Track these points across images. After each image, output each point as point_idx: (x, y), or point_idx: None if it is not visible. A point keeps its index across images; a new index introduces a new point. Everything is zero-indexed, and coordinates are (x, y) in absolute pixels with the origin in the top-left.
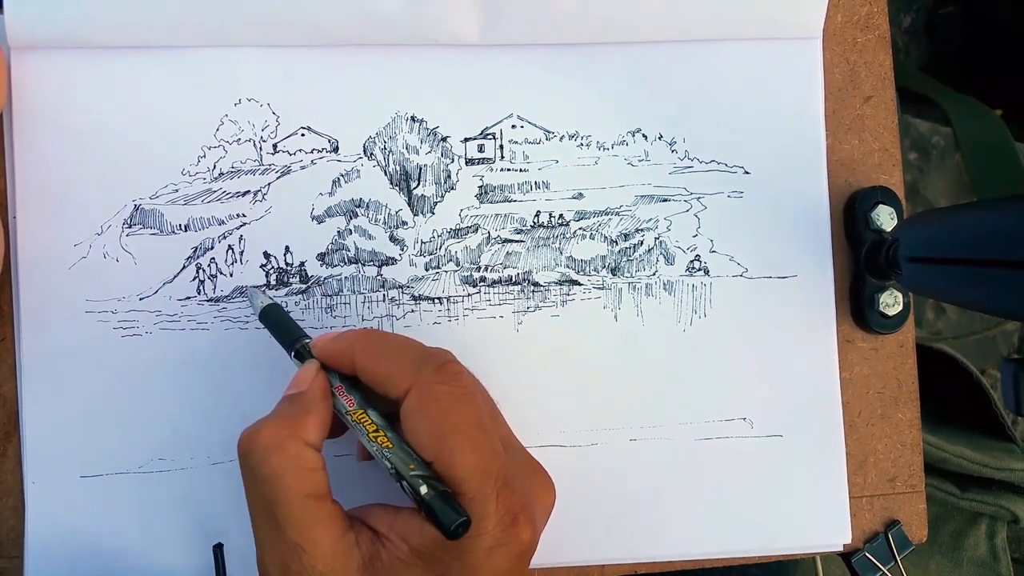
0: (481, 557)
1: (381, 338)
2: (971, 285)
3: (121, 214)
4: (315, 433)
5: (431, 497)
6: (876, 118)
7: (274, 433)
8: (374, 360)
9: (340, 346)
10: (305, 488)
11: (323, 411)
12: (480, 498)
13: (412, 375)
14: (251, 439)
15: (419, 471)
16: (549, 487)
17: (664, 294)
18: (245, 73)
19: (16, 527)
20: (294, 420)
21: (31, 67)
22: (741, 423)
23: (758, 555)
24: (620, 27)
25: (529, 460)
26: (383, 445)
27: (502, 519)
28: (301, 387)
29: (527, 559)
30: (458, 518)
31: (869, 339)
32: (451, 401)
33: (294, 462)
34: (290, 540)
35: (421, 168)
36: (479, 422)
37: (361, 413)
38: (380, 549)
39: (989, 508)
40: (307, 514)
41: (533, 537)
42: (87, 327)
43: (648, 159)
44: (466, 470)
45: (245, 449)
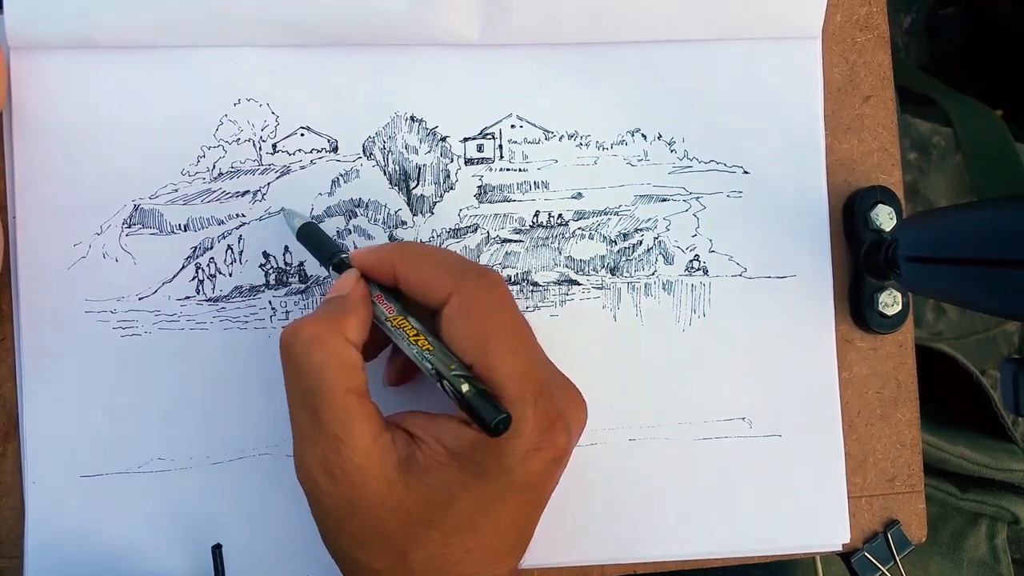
0: (518, 459)
1: (422, 248)
2: (971, 285)
3: (121, 214)
4: (356, 332)
5: (472, 395)
6: (875, 118)
7: (317, 328)
8: (416, 267)
9: (380, 256)
10: (346, 382)
11: (363, 313)
12: (519, 400)
13: (454, 281)
14: (294, 333)
15: (460, 371)
16: (581, 403)
17: (663, 294)
18: (245, 73)
19: (16, 527)
20: (336, 317)
21: (31, 67)
22: (740, 423)
23: (757, 555)
24: (619, 27)
25: (563, 378)
26: (424, 348)
27: (540, 422)
28: (342, 291)
29: (561, 466)
30: (499, 415)
31: (868, 339)
32: (493, 306)
33: (337, 356)
34: (330, 433)
35: (420, 168)
36: (520, 328)
37: (402, 319)
38: (416, 450)
39: (989, 509)
40: (348, 408)
41: (568, 445)
42: (87, 327)
43: (647, 159)
44: (507, 372)
45: (288, 343)
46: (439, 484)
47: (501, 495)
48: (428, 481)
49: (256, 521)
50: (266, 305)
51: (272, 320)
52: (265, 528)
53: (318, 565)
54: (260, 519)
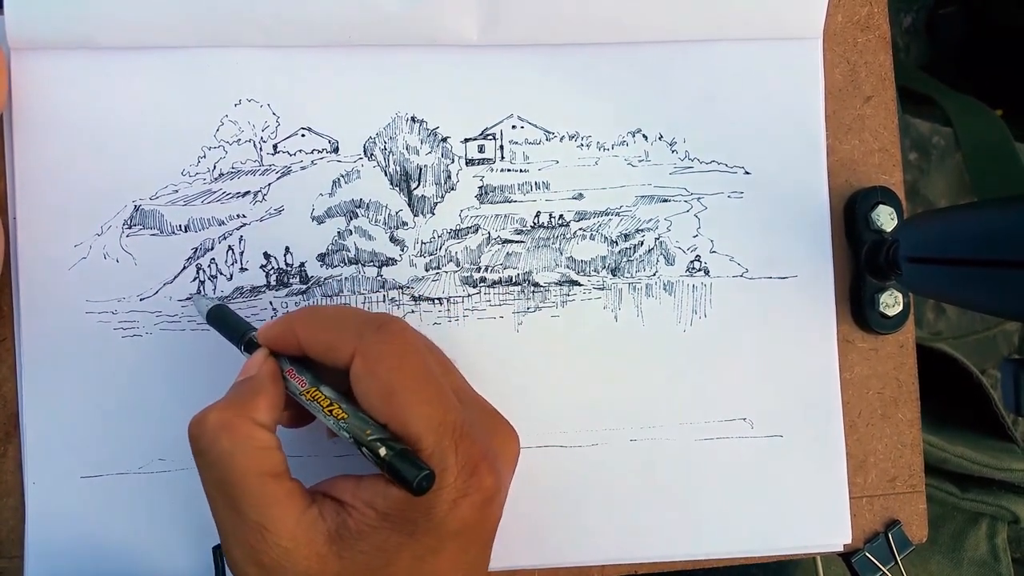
0: (446, 509)
1: (320, 311)
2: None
3: (121, 215)
4: (266, 413)
5: (391, 456)
6: (876, 118)
7: (222, 415)
8: (315, 333)
9: (282, 328)
10: (260, 467)
11: (273, 392)
12: (438, 451)
13: (354, 340)
14: (200, 423)
15: (376, 434)
16: (511, 435)
17: (664, 294)
18: (245, 73)
19: (16, 527)
20: (243, 401)
21: (31, 67)
22: (741, 423)
23: (758, 555)
24: (620, 27)
25: (488, 409)
26: (339, 417)
27: (463, 469)
28: (250, 373)
29: (494, 506)
30: (420, 472)
31: (869, 339)
32: (396, 359)
33: (246, 442)
34: (251, 521)
35: (421, 168)
36: (428, 376)
37: (314, 391)
38: (347, 518)
39: (990, 508)
40: (265, 493)
41: (497, 484)
42: (87, 328)
43: (648, 159)
44: (419, 425)
45: (195, 433)
46: (373, 549)
47: (436, 546)
48: (362, 548)
49: None
50: (267, 306)
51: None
52: None
53: None
54: None
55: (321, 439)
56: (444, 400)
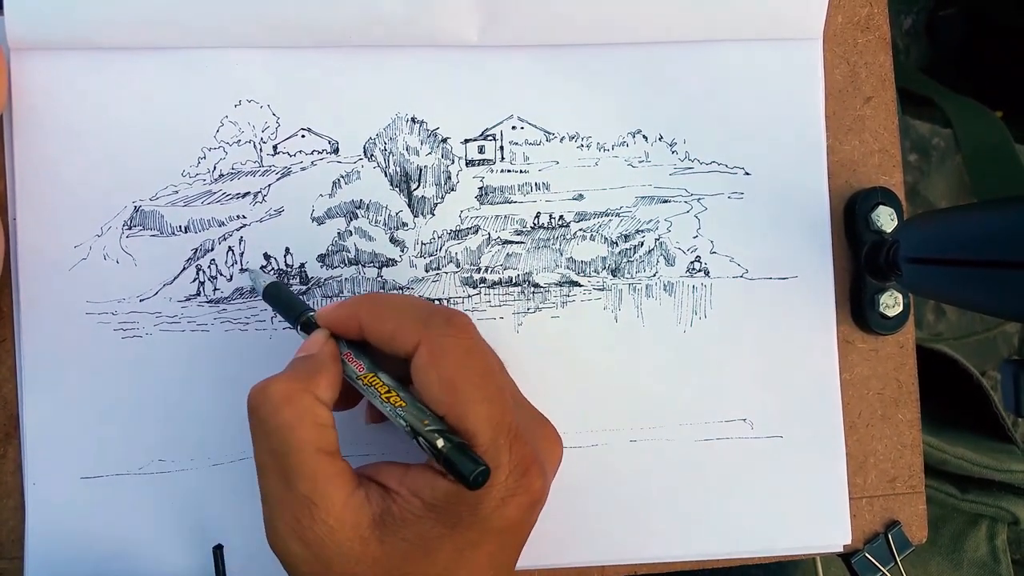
0: (493, 507)
1: (386, 299)
2: (971, 286)
3: (121, 215)
4: (327, 391)
5: (448, 449)
6: (876, 119)
7: (286, 387)
8: (380, 320)
9: (345, 312)
10: (317, 442)
11: (334, 372)
12: (494, 449)
13: (420, 330)
14: (262, 392)
15: (433, 425)
16: (557, 441)
17: (664, 295)
18: (245, 74)
19: (16, 528)
20: (306, 376)
21: (31, 68)
22: (741, 424)
23: (758, 556)
24: (620, 28)
25: (537, 415)
26: (396, 405)
27: (515, 469)
28: (311, 351)
29: (538, 510)
30: (477, 467)
31: (869, 340)
32: (461, 353)
33: (307, 416)
34: (301, 494)
35: (421, 169)
36: (490, 373)
37: (372, 376)
38: (391, 504)
39: (989, 510)
40: (319, 468)
41: (544, 488)
42: (87, 329)
43: (648, 160)
44: (479, 421)
45: (256, 402)
46: (415, 537)
47: (476, 541)
48: (404, 535)
49: (257, 522)
50: (267, 307)
51: (273, 322)
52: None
53: None
54: (260, 520)
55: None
56: (503, 400)
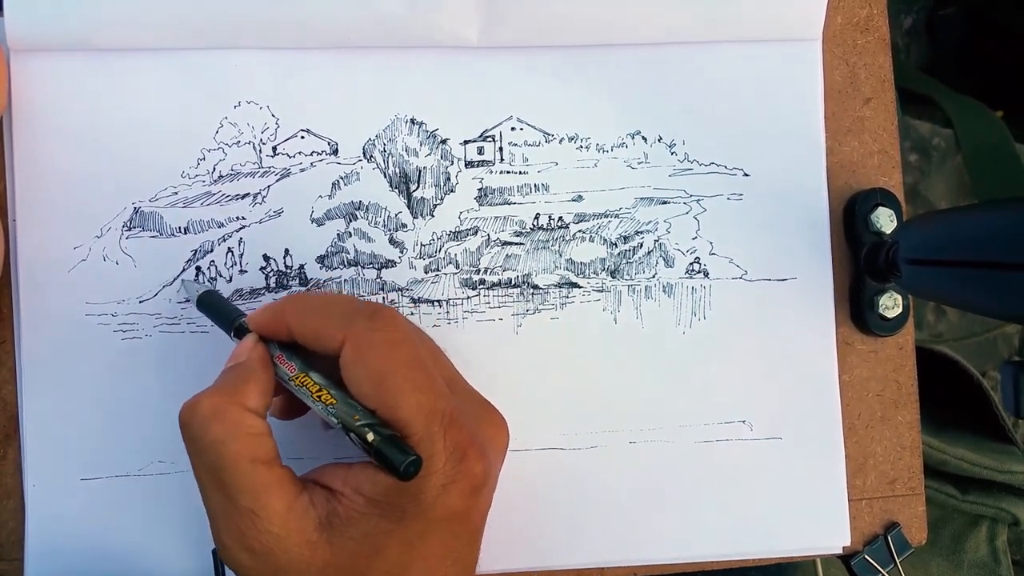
0: (434, 495)
1: (310, 299)
2: (971, 287)
3: (121, 216)
4: (256, 400)
5: (378, 442)
6: (876, 120)
7: (213, 401)
8: (305, 319)
9: (272, 314)
10: (251, 453)
11: (263, 379)
12: (427, 437)
13: (344, 327)
14: (191, 409)
15: (364, 420)
16: (500, 423)
17: (663, 296)
18: (245, 75)
19: (16, 529)
20: (233, 388)
21: (31, 69)
22: (740, 425)
23: (757, 557)
24: (620, 29)
25: (478, 399)
26: (327, 403)
27: (451, 455)
28: (240, 359)
29: (483, 493)
30: (407, 458)
31: (868, 341)
32: (386, 346)
33: (237, 428)
34: (242, 507)
35: (420, 170)
36: (417, 363)
37: (304, 376)
38: (336, 505)
39: (990, 511)
40: (256, 479)
41: (485, 471)
42: (87, 330)
43: (647, 161)
44: (409, 411)
45: (185, 420)
46: (362, 535)
47: (424, 533)
48: (351, 535)
49: None
50: None
51: None
52: None
53: None
54: None
55: (319, 440)
56: (434, 387)
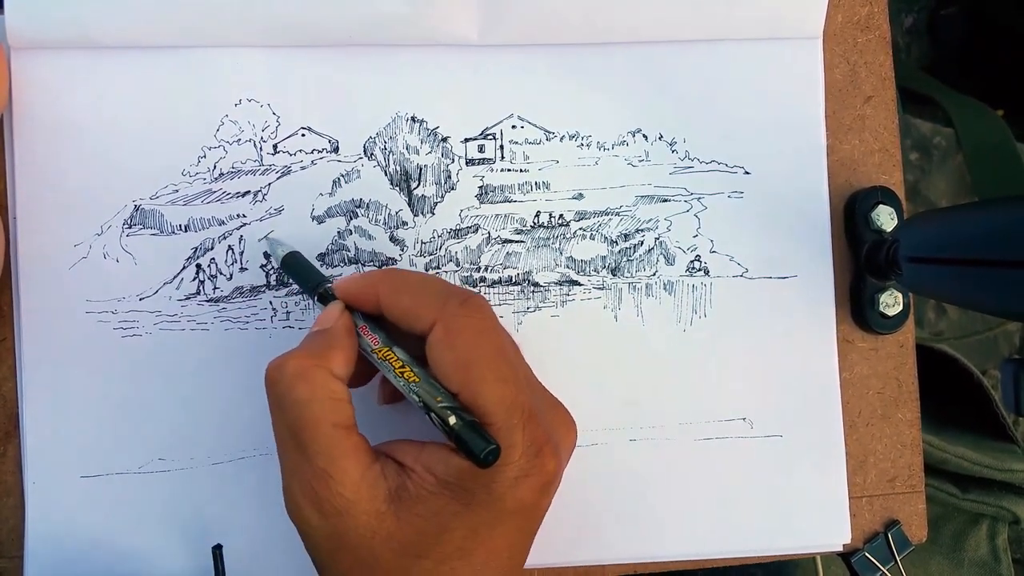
0: (507, 486)
1: (405, 275)
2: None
3: (121, 214)
4: (341, 366)
5: (460, 427)
6: (876, 118)
7: (301, 363)
8: (398, 296)
9: (363, 285)
10: (332, 417)
11: (348, 347)
12: (507, 428)
13: (437, 308)
14: (278, 368)
15: (446, 402)
16: (571, 425)
17: (664, 294)
18: (245, 73)
19: (16, 527)
20: (320, 352)
21: (32, 67)
22: (741, 423)
23: (758, 555)
24: (620, 27)
25: (551, 398)
26: (410, 380)
27: (527, 449)
28: (326, 325)
29: (551, 491)
30: (488, 446)
31: (869, 339)
32: (476, 333)
33: (321, 390)
34: (318, 467)
35: (421, 168)
36: (504, 354)
37: (387, 350)
38: (406, 480)
39: (990, 509)
40: (335, 443)
41: (557, 469)
42: (87, 327)
43: (648, 159)
44: (492, 400)
45: (273, 378)
46: (429, 513)
47: (491, 522)
48: (418, 511)
49: (257, 521)
50: (267, 305)
51: (273, 320)
52: (266, 529)
53: None
54: (261, 520)
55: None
56: (517, 380)
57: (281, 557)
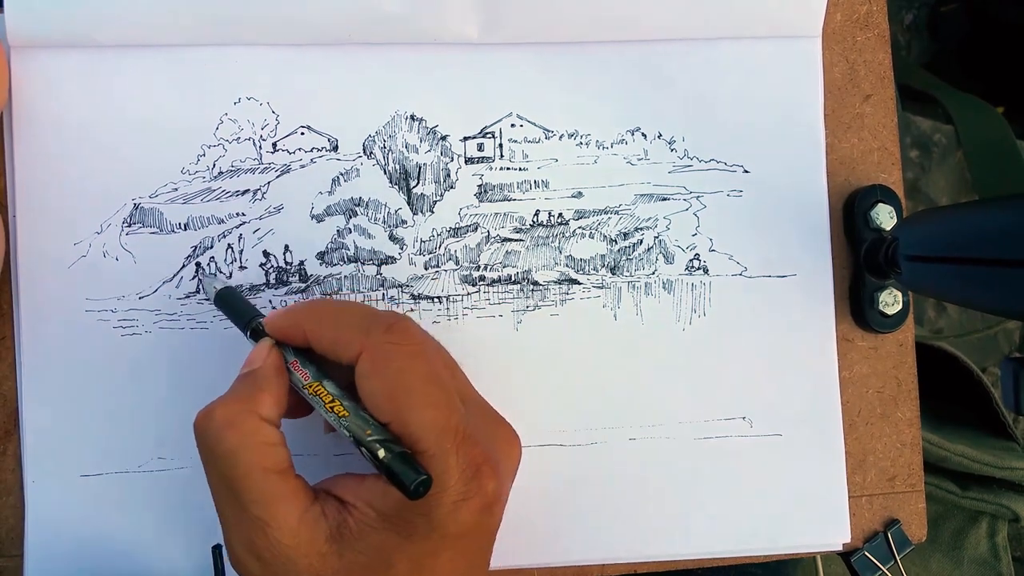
0: (446, 512)
1: (329, 306)
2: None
3: (121, 213)
4: (271, 409)
5: (389, 459)
6: (876, 117)
7: (228, 410)
8: (322, 328)
9: (289, 320)
10: (265, 463)
11: (277, 387)
12: (440, 454)
13: (361, 339)
14: (206, 418)
15: (376, 435)
16: (513, 439)
17: (663, 293)
18: (245, 72)
19: (16, 526)
20: (249, 396)
21: (31, 65)
22: (740, 422)
23: (758, 554)
24: (619, 26)
25: (491, 413)
26: (340, 415)
27: (464, 472)
28: (254, 365)
29: (496, 510)
30: (417, 477)
31: (868, 338)
32: (403, 360)
33: (251, 437)
34: (254, 516)
35: (420, 167)
36: (433, 378)
37: (317, 385)
38: (347, 517)
39: (990, 507)
40: (269, 489)
41: (498, 488)
42: (87, 326)
43: (647, 158)
44: (422, 427)
45: (201, 428)
46: (372, 549)
47: (434, 550)
48: (360, 548)
49: None
50: (267, 304)
51: None
52: None
53: None
54: None
55: (320, 437)
56: (449, 404)
57: None
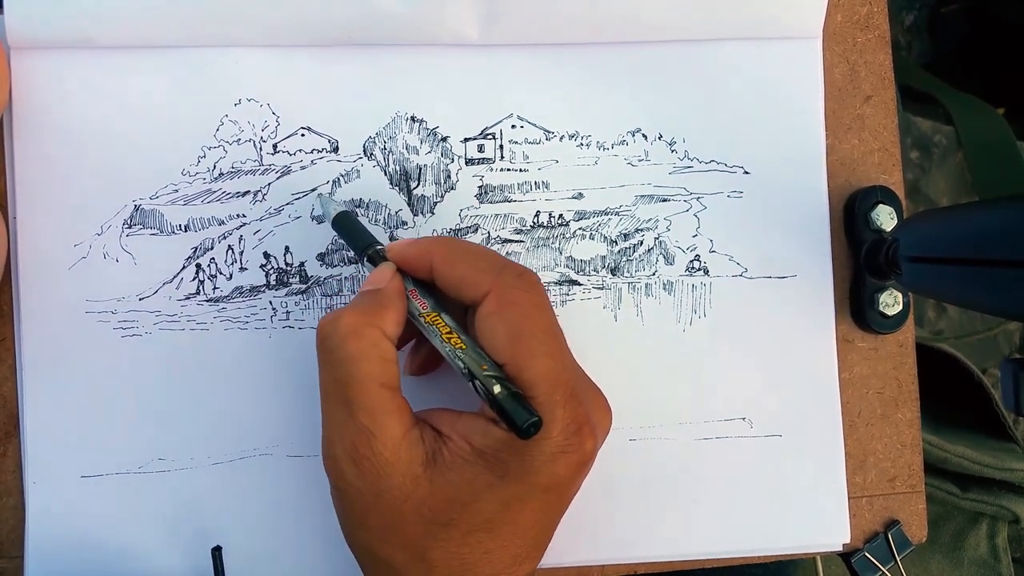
0: (543, 461)
1: (461, 244)
2: (971, 285)
3: (121, 214)
4: (393, 327)
5: (504, 396)
6: (876, 118)
7: (354, 320)
8: (453, 264)
9: (417, 250)
10: (380, 376)
11: (399, 308)
12: (549, 403)
13: (492, 279)
14: (331, 324)
15: (492, 372)
16: (607, 410)
17: (664, 294)
18: (245, 73)
19: (17, 527)
20: (374, 311)
21: (32, 67)
22: (740, 423)
23: (757, 555)
24: (620, 27)
25: (590, 382)
26: (456, 346)
27: (567, 426)
28: (379, 285)
29: (584, 471)
30: (530, 417)
31: (869, 339)
32: (529, 307)
33: (372, 349)
34: (361, 424)
35: (421, 168)
36: (554, 331)
37: (435, 315)
38: (443, 447)
39: (990, 508)
40: (380, 401)
41: (594, 450)
42: (87, 327)
43: (648, 159)
44: (538, 374)
45: (325, 333)
46: (463, 482)
47: (523, 496)
48: (452, 479)
49: (256, 522)
50: (267, 305)
51: (272, 320)
52: (265, 529)
53: (319, 566)
54: (261, 520)
55: None
56: (564, 359)
57: (281, 558)
